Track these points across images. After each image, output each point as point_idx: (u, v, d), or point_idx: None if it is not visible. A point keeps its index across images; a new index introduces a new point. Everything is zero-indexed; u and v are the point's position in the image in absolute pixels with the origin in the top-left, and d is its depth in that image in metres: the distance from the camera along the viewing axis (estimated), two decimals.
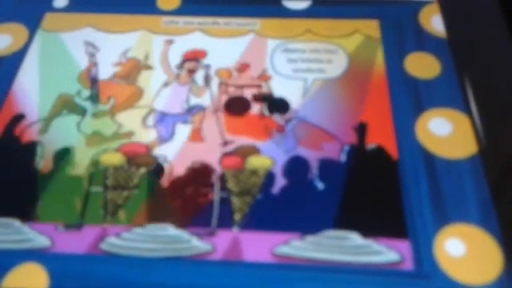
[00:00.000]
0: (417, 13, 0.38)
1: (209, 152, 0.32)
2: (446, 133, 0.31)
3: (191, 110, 0.34)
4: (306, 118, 0.33)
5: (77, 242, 0.28)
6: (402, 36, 0.37)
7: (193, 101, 0.35)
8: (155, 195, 0.30)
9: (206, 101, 0.34)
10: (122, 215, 0.29)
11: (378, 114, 0.33)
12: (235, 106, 0.34)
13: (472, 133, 0.31)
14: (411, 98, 0.33)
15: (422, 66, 0.35)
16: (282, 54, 0.37)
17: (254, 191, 0.30)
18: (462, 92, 0.33)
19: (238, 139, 0.32)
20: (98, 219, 0.29)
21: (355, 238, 0.28)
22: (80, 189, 0.30)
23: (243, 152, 0.31)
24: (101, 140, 0.32)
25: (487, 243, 0.27)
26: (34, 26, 0.39)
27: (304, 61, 0.36)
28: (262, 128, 0.33)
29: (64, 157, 0.32)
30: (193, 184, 0.30)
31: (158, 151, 0.32)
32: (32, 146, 0.32)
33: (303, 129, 0.33)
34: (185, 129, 0.33)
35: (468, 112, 0.32)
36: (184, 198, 0.30)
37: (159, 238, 0.28)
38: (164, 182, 0.30)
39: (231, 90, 0.35)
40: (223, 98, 0.35)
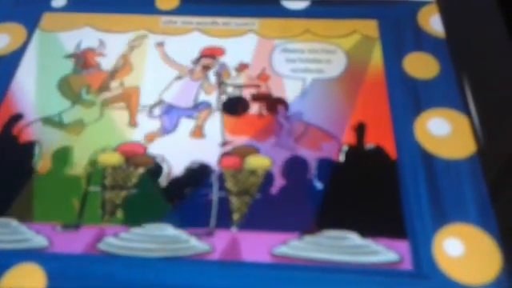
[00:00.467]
0: (415, 13, 0.38)
1: (208, 151, 0.32)
2: (444, 133, 0.31)
3: (198, 106, 0.34)
4: (304, 117, 0.33)
5: (75, 241, 0.28)
6: (401, 36, 0.37)
7: (202, 97, 0.35)
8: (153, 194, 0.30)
9: (214, 98, 0.34)
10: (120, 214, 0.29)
11: (377, 114, 0.33)
12: (233, 106, 0.34)
13: (470, 133, 0.31)
14: (410, 98, 0.33)
15: (421, 65, 0.35)
16: (281, 53, 0.37)
17: (252, 191, 0.30)
18: (461, 92, 0.33)
19: (237, 139, 0.32)
20: (96, 219, 0.29)
21: (354, 237, 0.28)
22: (78, 189, 0.30)
23: (242, 152, 0.31)
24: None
25: (486, 243, 0.27)
26: (32, 25, 0.39)
27: (303, 61, 0.36)
28: (261, 128, 0.33)
29: (62, 156, 0.32)
30: (191, 184, 0.30)
31: (158, 146, 0.32)
32: (30, 145, 0.32)
33: (302, 129, 0.32)
34: (188, 124, 0.33)
35: (467, 112, 0.32)
36: (182, 197, 0.30)
37: (157, 238, 0.28)
38: (162, 181, 0.30)
39: (229, 89, 0.35)
40: (222, 97, 0.35)
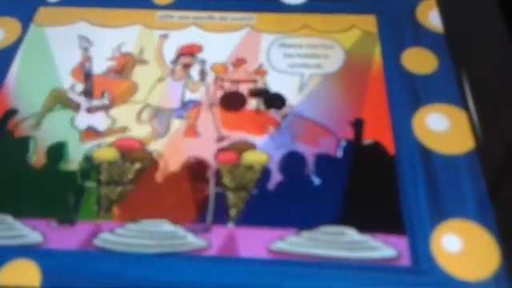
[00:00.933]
0: (414, 8, 0.38)
1: (204, 147, 0.31)
2: (443, 128, 0.31)
3: (186, 105, 0.34)
4: (302, 113, 0.33)
5: (70, 237, 0.28)
6: (399, 31, 0.37)
7: (188, 96, 0.34)
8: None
9: (202, 96, 0.34)
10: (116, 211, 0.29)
11: (375, 110, 0.33)
12: (231, 102, 0.34)
13: (469, 128, 0.31)
14: (408, 94, 0.33)
15: (419, 61, 0.35)
16: (279, 48, 0.37)
17: (249, 187, 0.29)
18: (459, 87, 0.33)
19: (234, 134, 0.32)
20: (91, 215, 0.29)
21: (352, 233, 0.27)
22: (73, 184, 0.30)
23: (239, 147, 0.31)
24: (95, 135, 0.32)
25: (484, 239, 0.27)
26: (26, 20, 0.39)
27: (300, 56, 0.36)
28: (258, 123, 0.33)
29: (57, 152, 0.31)
30: (188, 179, 0.30)
31: (153, 146, 0.32)
32: (25, 141, 0.32)
33: (299, 124, 0.32)
34: (180, 124, 0.33)
35: (465, 107, 0.32)
36: (179, 193, 0.29)
37: (154, 234, 0.28)
38: (159, 177, 0.30)
39: (227, 84, 0.35)
40: (219, 93, 0.34)
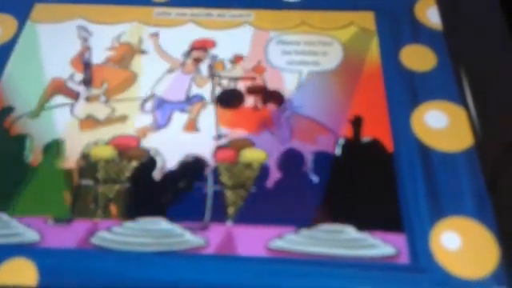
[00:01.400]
0: (412, 5, 0.38)
1: (202, 144, 0.31)
2: (441, 125, 0.31)
3: (190, 100, 0.33)
4: (300, 110, 0.33)
5: (67, 236, 0.27)
6: (398, 28, 0.37)
7: (194, 90, 0.34)
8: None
9: (207, 91, 0.34)
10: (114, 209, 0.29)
11: (374, 107, 0.32)
12: (229, 99, 0.34)
13: (468, 125, 0.31)
14: (407, 91, 0.33)
15: (418, 58, 0.35)
16: (277, 45, 0.36)
17: (247, 184, 0.29)
18: (458, 84, 0.33)
19: (232, 132, 0.32)
20: (88, 213, 0.28)
21: (350, 231, 0.27)
22: (70, 182, 0.30)
23: (237, 145, 0.31)
24: (94, 124, 0.32)
25: (483, 236, 0.27)
26: (23, 16, 0.39)
27: (298, 53, 0.36)
28: (256, 121, 0.32)
29: (54, 150, 0.31)
30: (186, 177, 0.30)
31: (152, 140, 0.31)
32: (21, 138, 0.32)
33: (298, 121, 0.32)
34: (181, 117, 0.33)
35: (464, 105, 0.32)
36: (177, 191, 0.29)
37: (151, 232, 0.28)
38: (156, 175, 0.30)
39: (224, 82, 0.35)
40: (216, 90, 0.34)
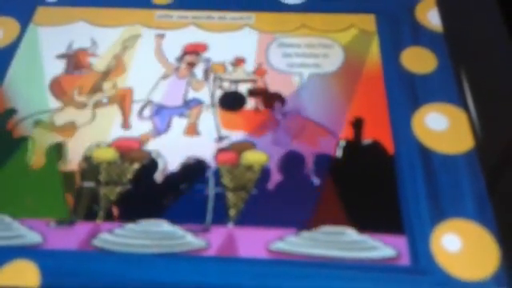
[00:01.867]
0: (413, 7, 0.38)
1: (204, 147, 0.31)
2: (442, 128, 0.31)
3: (188, 104, 0.34)
4: (301, 112, 0.33)
5: (69, 238, 0.28)
6: (398, 30, 0.37)
7: (191, 94, 0.34)
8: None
9: (205, 95, 0.34)
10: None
11: (374, 109, 0.32)
12: (230, 101, 0.34)
13: (468, 128, 0.31)
14: (407, 93, 0.33)
15: (419, 60, 0.35)
16: (278, 48, 0.36)
17: (249, 187, 0.29)
18: (459, 86, 0.33)
19: (233, 134, 0.32)
20: (90, 215, 0.28)
21: (351, 233, 0.27)
22: (72, 184, 0.30)
23: (238, 147, 0.31)
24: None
25: (484, 238, 0.27)
26: (25, 20, 0.39)
27: (299, 55, 0.36)
28: (257, 123, 0.32)
29: (56, 152, 0.31)
30: (187, 179, 0.30)
31: (153, 143, 0.32)
32: (24, 141, 0.32)
33: (298, 124, 0.32)
34: (181, 122, 0.33)
35: (464, 107, 0.32)
36: (178, 193, 0.29)
37: (153, 234, 0.28)
38: (158, 177, 0.30)
39: (226, 84, 0.35)
40: (218, 92, 0.34)
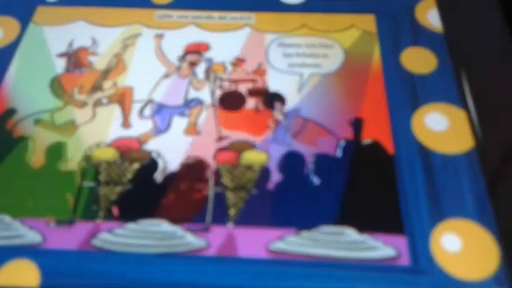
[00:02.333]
0: (413, 7, 0.38)
1: (203, 147, 0.31)
2: (442, 128, 0.31)
3: (189, 103, 0.34)
4: (301, 112, 0.33)
5: (69, 237, 0.28)
6: (399, 31, 0.37)
7: (192, 94, 0.34)
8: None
9: (205, 95, 0.34)
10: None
11: (374, 109, 0.32)
12: (230, 101, 0.34)
13: (468, 128, 0.31)
14: (407, 93, 0.33)
15: (419, 60, 0.35)
16: (278, 48, 0.36)
17: (249, 186, 0.29)
18: (459, 87, 0.33)
19: (233, 134, 0.32)
20: (90, 215, 0.28)
21: (351, 233, 0.27)
22: (72, 184, 0.30)
23: (238, 147, 0.31)
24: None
25: (484, 238, 0.27)
26: (25, 19, 0.39)
27: (300, 55, 0.36)
28: (258, 123, 0.32)
29: (56, 152, 0.31)
30: (187, 179, 0.30)
31: (153, 143, 0.32)
32: (23, 140, 0.32)
33: (299, 124, 0.32)
34: (181, 121, 0.33)
35: (464, 107, 0.32)
36: (178, 193, 0.29)
37: (153, 234, 0.28)
38: (158, 177, 0.30)
39: (226, 84, 0.35)
40: (218, 92, 0.34)
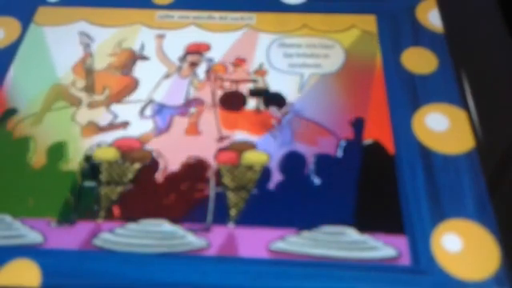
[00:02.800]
0: (414, 7, 0.38)
1: (204, 147, 0.31)
2: (443, 128, 0.31)
3: (190, 103, 0.34)
4: (302, 112, 0.33)
5: (70, 237, 0.28)
6: (399, 31, 0.37)
7: (192, 94, 0.34)
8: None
9: (206, 95, 0.34)
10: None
11: (375, 109, 0.32)
12: (230, 101, 0.34)
13: (469, 128, 0.31)
14: (408, 93, 0.33)
15: (419, 60, 0.35)
16: (278, 48, 0.37)
17: (249, 187, 0.29)
18: (459, 87, 0.33)
19: (234, 134, 0.32)
20: (91, 215, 0.28)
21: (352, 233, 0.27)
22: (73, 184, 0.30)
23: (239, 147, 0.31)
24: (96, 130, 0.32)
25: (484, 238, 0.27)
26: (26, 19, 0.39)
27: (300, 56, 0.36)
28: (258, 123, 0.32)
29: (57, 152, 0.31)
30: (188, 179, 0.30)
31: (154, 143, 0.32)
32: (24, 140, 0.32)
33: (299, 124, 0.32)
34: (182, 121, 0.33)
35: (465, 107, 0.32)
36: (179, 193, 0.29)
37: (153, 234, 0.28)
38: (159, 176, 0.30)
39: (226, 84, 0.35)
40: (218, 92, 0.34)
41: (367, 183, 0.29)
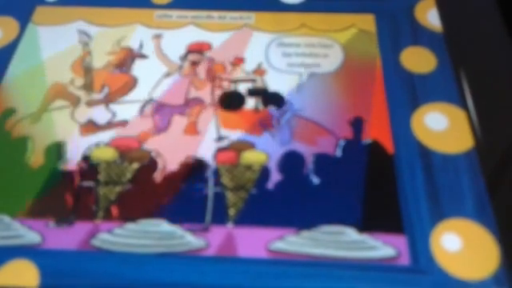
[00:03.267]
0: (413, 7, 0.38)
1: (203, 146, 0.31)
2: (442, 127, 0.31)
3: (189, 103, 0.34)
4: (300, 112, 0.33)
5: (68, 238, 0.27)
6: (398, 30, 0.37)
7: (193, 93, 0.34)
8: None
9: (206, 94, 0.34)
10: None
11: (374, 109, 0.32)
12: (229, 101, 0.34)
13: (468, 127, 0.31)
14: (407, 93, 0.33)
15: (418, 60, 0.35)
16: (277, 48, 0.36)
17: (248, 186, 0.29)
18: (458, 86, 0.33)
19: (233, 134, 0.32)
20: (89, 215, 0.28)
21: (351, 233, 0.27)
22: (71, 184, 0.30)
23: (238, 147, 0.31)
24: (94, 128, 0.32)
25: (483, 238, 0.27)
26: (24, 19, 0.39)
27: (299, 55, 0.36)
28: (257, 123, 0.32)
29: (55, 152, 0.31)
30: (187, 179, 0.30)
31: (152, 142, 0.31)
32: (23, 140, 0.32)
33: (298, 123, 0.32)
34: (181, 121, 0.33)
35: (464, 106, 0.32)
36: (178, 193, 0.29)
37: (152, 234, 0.28)
38: (157, 176, 0.30)
39: (225, 84, 0.35)
40: (217, 92, 0.34)
41: (366, 183, 0.29)
